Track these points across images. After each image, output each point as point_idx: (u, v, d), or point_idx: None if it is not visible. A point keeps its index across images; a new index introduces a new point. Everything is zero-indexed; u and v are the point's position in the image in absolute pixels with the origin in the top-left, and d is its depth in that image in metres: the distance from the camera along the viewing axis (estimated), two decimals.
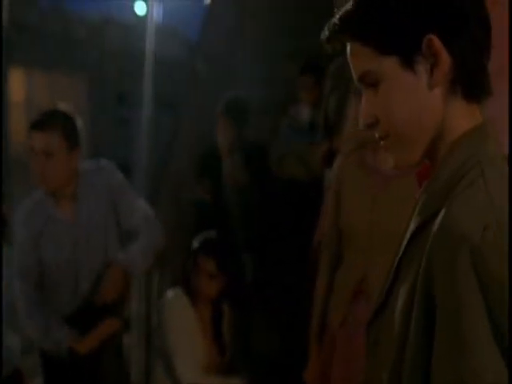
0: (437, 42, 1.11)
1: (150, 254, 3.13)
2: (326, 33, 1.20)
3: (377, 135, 1.21)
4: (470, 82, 1.14)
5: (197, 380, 3.31)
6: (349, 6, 1.16)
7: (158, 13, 13.25)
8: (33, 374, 3.39)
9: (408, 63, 1.13)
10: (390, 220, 2.48)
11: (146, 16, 12.96)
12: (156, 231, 3.15)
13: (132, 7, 12.82)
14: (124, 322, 3.16)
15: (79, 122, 2.97)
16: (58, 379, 3.08)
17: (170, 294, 3.55)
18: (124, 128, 11.70)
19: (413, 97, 1.13)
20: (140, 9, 12.90)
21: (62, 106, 3.05)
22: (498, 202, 1.05)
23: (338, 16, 1.17)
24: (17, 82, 10.43)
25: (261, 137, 4.79)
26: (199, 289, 3.39)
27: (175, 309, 3.38)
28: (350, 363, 2.56)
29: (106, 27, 12.03)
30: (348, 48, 1.20)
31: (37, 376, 3.32)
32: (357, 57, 1.18)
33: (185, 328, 3.34)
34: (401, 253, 1.18)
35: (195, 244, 3.48)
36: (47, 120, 2.90)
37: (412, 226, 1.16)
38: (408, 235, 1.17)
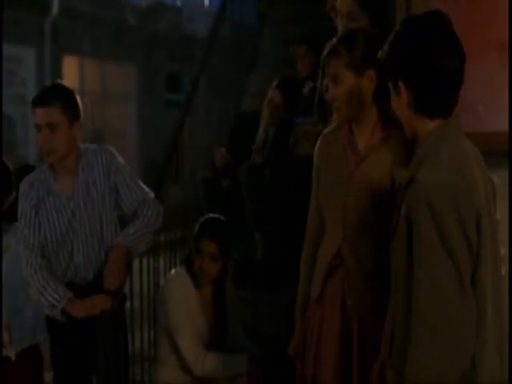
0: (402, 86, 2.06)
1: (147, 235, 3.22)
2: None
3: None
4: (427, 109, 2.06)
5: (199, 357, 3.37)
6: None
7: None
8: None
9: (395, 91, 2.11)
10: (363, 195, 2.51)
11: None
12: (154, 212, 3.23)
13: None
14: (123, 297, 3.24)
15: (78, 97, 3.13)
16: (59, 343, 3.20)
17: (173, 272, 3.63)
18: (174, 112, 11.86)
19: (400, 108, 2.12)
20: None
21: (61, 81, 3.25)
22: (440, 173, 1.94)
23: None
24: (70, 70, 10.67)
25: None
26: (201, 269, 3.45)
27: (177, 287, 3.45)
28: (321, 343, 2.59)
29: (157, 11, 12.13)
30: None
31: None
32: None
33: (186, 306, 3.41)
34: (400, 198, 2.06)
35: (197, 226, 3.54)
36: (47, 95, 3.07)
37: (403, 184, 2.05)
38: (403, 187, 2.05)
